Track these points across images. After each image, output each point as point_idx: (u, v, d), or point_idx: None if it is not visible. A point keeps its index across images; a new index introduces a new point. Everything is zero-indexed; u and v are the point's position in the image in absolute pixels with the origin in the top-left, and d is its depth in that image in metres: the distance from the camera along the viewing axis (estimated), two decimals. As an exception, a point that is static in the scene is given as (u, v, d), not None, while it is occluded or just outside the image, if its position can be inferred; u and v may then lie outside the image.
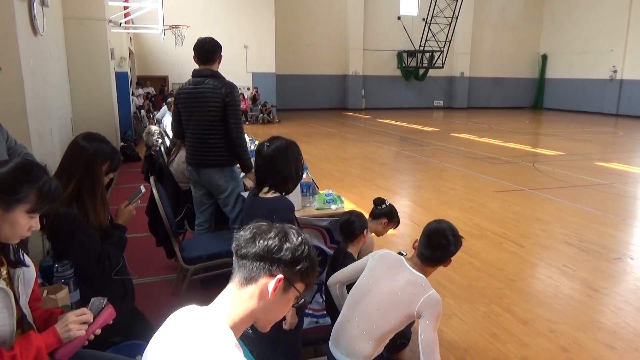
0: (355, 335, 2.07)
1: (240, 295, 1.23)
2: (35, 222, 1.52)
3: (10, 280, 1.56)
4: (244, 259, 1.23)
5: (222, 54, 3.71)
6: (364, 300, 2.12)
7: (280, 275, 1.22)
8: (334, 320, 2.79)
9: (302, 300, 1.30)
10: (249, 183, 3.72)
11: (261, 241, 1.23)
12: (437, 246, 2.08)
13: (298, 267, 1.24)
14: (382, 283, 2.10)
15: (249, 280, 1.23)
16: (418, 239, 2.17)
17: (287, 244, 1.23)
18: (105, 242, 2.16)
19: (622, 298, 3.95)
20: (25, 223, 1.49)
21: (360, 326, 2.08)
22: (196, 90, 3.59)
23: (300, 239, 1.27)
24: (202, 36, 3.66)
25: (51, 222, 2.05)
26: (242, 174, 3.88)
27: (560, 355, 3.09)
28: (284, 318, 2.06)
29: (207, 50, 3.60)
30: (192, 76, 3.66)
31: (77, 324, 1.57)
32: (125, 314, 2.27)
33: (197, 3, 19.00)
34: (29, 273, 1.62)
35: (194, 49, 3.63)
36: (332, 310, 2.77)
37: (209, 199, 3.87)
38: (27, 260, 1.64)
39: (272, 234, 1.24)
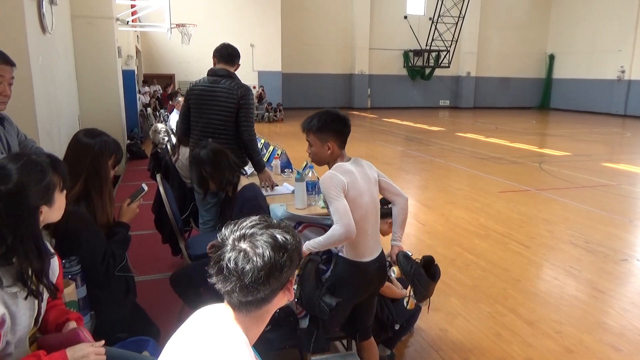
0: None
1: (254, 317, 1.19)
2: None
3: None
4: (248, 302, 1.15)
5: (239, 62, 3.81)
6: (371, 212, 2.32)
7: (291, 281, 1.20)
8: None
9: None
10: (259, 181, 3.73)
11: (258, 273, 1.09)
12: None
13: (299, 258, 1.20)
14: (370, 188, 2.34)
15: (261, 306, 1.18)
16: None
17: (280, 253, 1.13)
18: (110, 240, 2.17)
19: (628, 300, 3.93)
20: None
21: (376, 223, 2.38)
22: (211, 89, 3.60)
23: (285, 235, 1.16)
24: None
25: (58, 221, 2.06)
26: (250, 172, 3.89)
27: (565, 357, 3.08)
28: None
29: (230, 53, 3.71)
30: (208, 74, 3.69)
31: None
32: (129, 310, 2.29)
33: (204, 2, 19.05)
34: (52, 273, 1.64)
35: (216, 50, 3.70)
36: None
37: (213, 197, 3.88)
38: (54, 263, 1.65)
39: (257, 259, 1.10)
